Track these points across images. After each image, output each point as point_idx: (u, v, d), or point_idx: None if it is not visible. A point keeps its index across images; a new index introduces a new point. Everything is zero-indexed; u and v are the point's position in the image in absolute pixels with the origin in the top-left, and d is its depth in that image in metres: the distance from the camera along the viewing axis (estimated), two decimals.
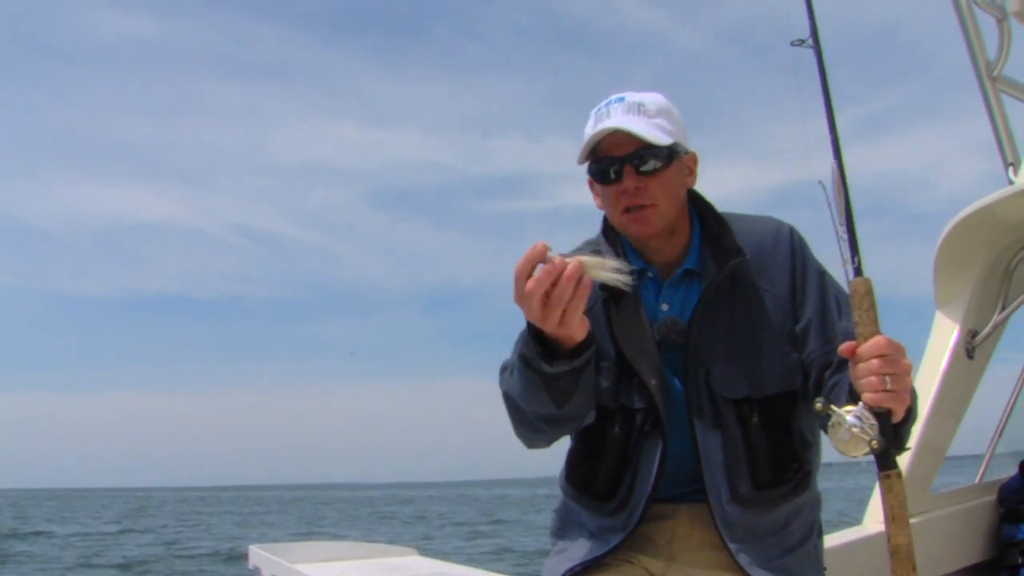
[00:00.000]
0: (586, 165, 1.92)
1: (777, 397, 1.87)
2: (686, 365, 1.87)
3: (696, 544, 1.90)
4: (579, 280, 1.57)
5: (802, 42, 1.79)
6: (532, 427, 1.79)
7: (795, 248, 1.94)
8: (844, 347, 1.60)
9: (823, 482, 2.02)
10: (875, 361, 1.56)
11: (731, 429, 1.84)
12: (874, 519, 3.34)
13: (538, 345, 1.65)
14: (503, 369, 1.86)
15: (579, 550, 1.93)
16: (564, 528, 2.04)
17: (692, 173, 1.98)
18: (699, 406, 1.86)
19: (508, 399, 1.81)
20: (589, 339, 1.66)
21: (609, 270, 1.62)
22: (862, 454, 1.57)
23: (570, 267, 1.56)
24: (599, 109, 1.89)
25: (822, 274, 1.93)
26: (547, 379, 1.66)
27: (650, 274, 1.95)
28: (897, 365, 1.56)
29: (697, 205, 1.99)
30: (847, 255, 1.65)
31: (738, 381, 1.86)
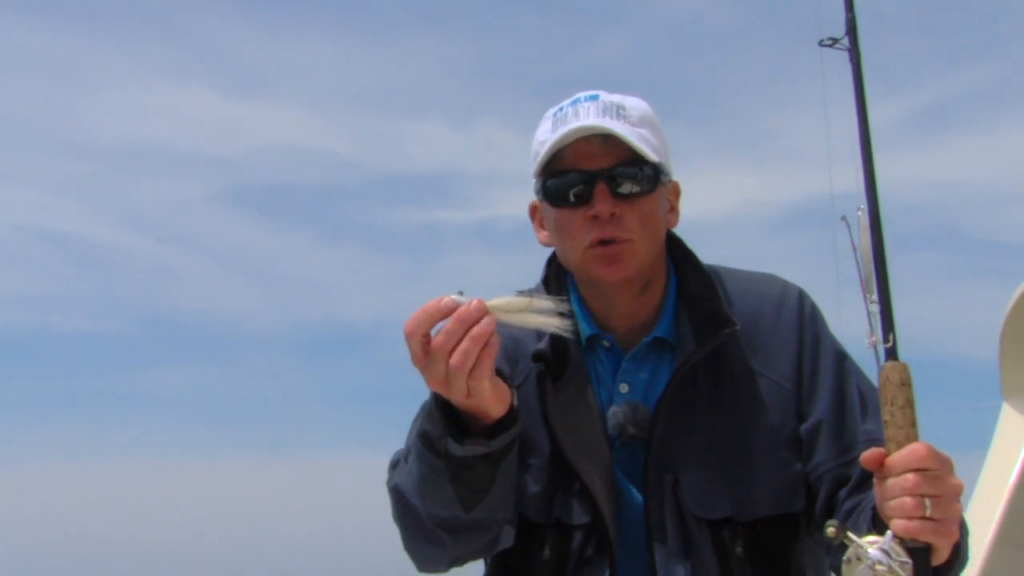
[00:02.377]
0: (535, 183, 1.66)
1: (770, 521, 1.60)
2: (647, 469, 1.59)
3: None
4: (480, 327, 1.33)
5: (834, 41, 1.56)
6: (427, 536, 1.55)
7: (805, 320, 1.67)
8: (869, 455, 1.36)
9: None
10: (910, 476, 1.32)
11: (705, 562, 1.57)
12: None
13: (445, 420, 1.42)
14: (394, 464, 1.61)
15: None
16: None
17: (674, 209, 1.72)
18: (662, 527, 1.58)
19: (398, 496, 1.56)
20: (512, 416, 1.44)
21: (537, 311, 1.38)
22: None
23: (463, 309, 1.32)
24: (561, 109, 1.63)
25: (841, 357, 1.67)
26: (454, 466, 1.43)
27: (606, 343, 1.67)
28: (941, 484, 1.32)
29: (674, 253, 1.73)
30: (876, 329, 1.42)
31: (718, 496, 1.59)
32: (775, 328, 1.66)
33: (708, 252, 1.76)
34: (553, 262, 1.73)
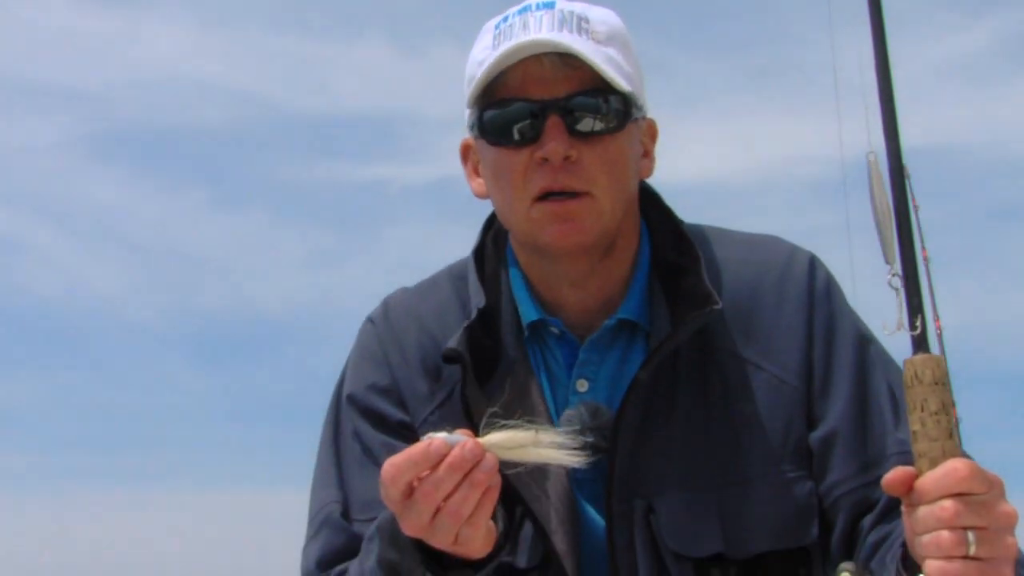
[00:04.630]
0: (469, 115, 1.38)
1: (773, 558, 1.34)
2: (610, 492, 1.33)
3: None
4: (481, 472, 1.12)
5: None
6: None
7: (816, 296, 1.40)
8: (893, 477, 1.09)
9: None
10: (948, 504, 1.06)
11: None
12: None
13: (418, 552, 1.20)
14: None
15: None
16: None
17: (649, 155, 1.44)
18: (631, 567, 1.32)
19: None
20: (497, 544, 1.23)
21: (546, 446, 1.19)
22: None
23: (457, 455, 1.11)
24: (506, 19, 1.35)
25: (864, 343, 1.40)
26: None
27: (555, 329, 1.40)
28: (989, 512, 1.07)
29: (650, 213, 1.45)
30: (902, 312, 1.16)
31: (704, 527, 1.33)
32: (778, 307, 1.39)
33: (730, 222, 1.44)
34: (492, 225, 1.46)
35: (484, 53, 1.33)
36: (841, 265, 1.42)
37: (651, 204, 1.45)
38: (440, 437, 1.13)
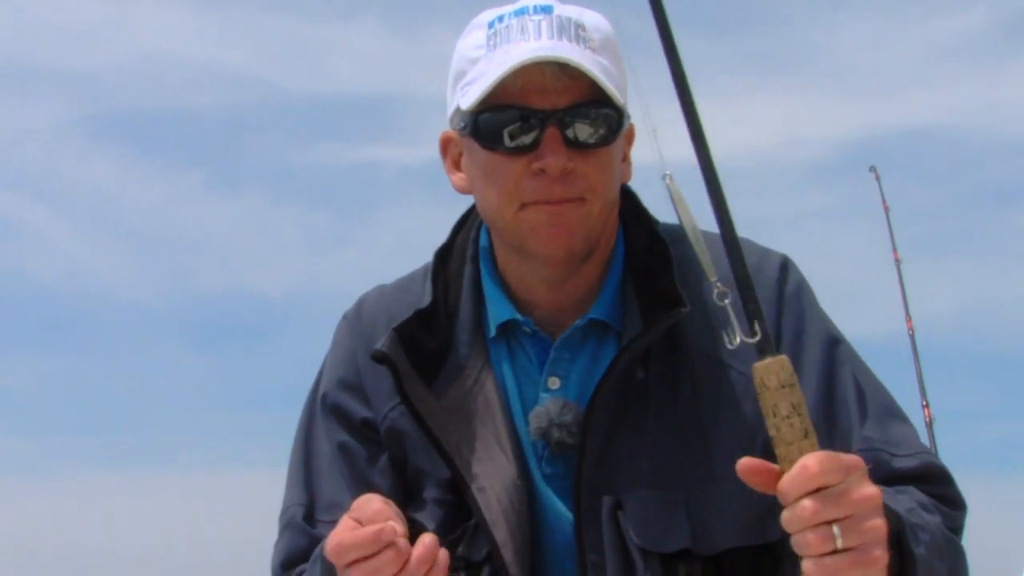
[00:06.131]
0: (456, 108, 1.38)
1: (739, 555, 1.36)
2: (579, 488, 1.36)
3: None
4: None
5: None
6: None
7: (786, 297, 1.43)
8: (745, 463, 1.13)
9: None
10: (807, 504, 1.08)
11: None
12: None
13: None
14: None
15: None
16: None
17: (627, 159, 1.45)
18: (599, 563, 1.34)
19: None
20: None
21: None
22: None
23: (416, 560, 1.17)
24: (502, 19, 1.35)
25: (832, 343, 1.43)
26: None
27: (526, 328, 1.42)
28: (847, 500, 1.08)
29: (626, 213, 1.47)
30: (733, 324, 1.17)
31: (672, 524, 1.35)
32: None
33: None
34: (464, 224, 1.49)
35: (477, 52, 1.34)
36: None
37: (628, 206, 1.47)
38: (392, 524, 1.17)
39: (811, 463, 1.08)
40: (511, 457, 1.38)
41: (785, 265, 1.44)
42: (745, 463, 1.13)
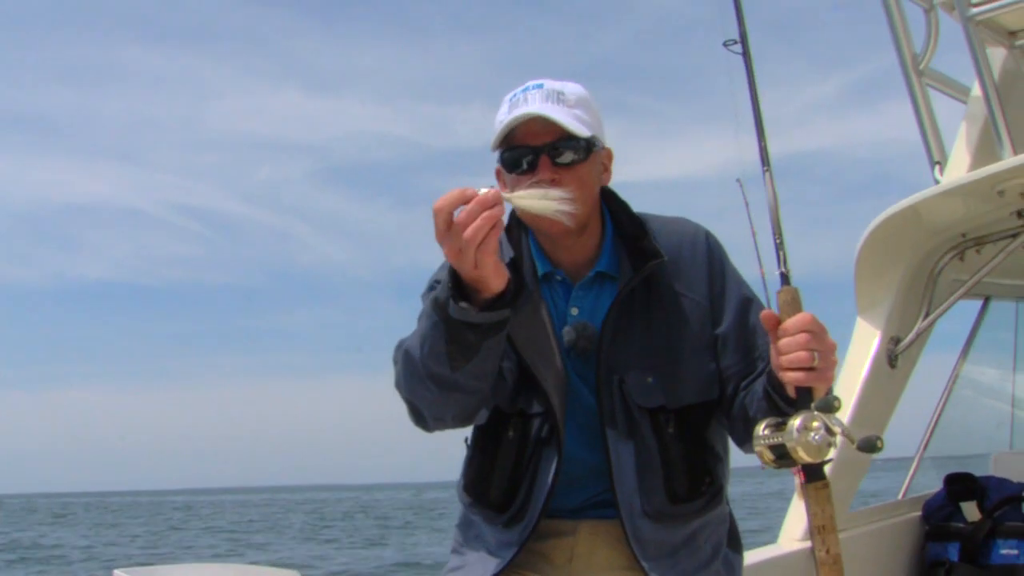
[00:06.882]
0: (496, 154, 1.92)
1: (694, 408, 1.90)
2: (598, 372, 1.88)
3: (599, 564, 1.90)
4: (492, 211, 1.53)
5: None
6: (419, 379, 1.72)
7: (712, 253, 1.98)
8: (767, 314, 1.67)
9: None
10: (802, 335, 1.61)
11: (646, 440, 1.86)
12: (789, 536, 3.27)
13: (453, 288, 1.61)
14: (399, 346, 1.82)
15: (472, 569, 1.92)
16: (464, 543, 2.03)
17: (607, 170, 1.98)
18: (612, 416, 1.87)
19: (405, 356, 1.75)
20: (505, 298, 1.62)
21: (552, 199, 1.65)
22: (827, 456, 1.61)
23: (483, 196, 1.53)
24: (515, 95, 1.88)
25: (741, 284, 1.98)
26: (452, 327, 1.62)
27: (558, 277, 1.95)
28: (823, 341, 1.63)
29: (611, 204, 2.00)
30: (766, 262, 1.73)
31: (654, 390, 1.88)
32: (692, 259, 1.94)
33: (703, 202, 2.14)
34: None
35: (502, 116, 1.86)
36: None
37: (612, 199, 1.99)
38: (475, 188, 1.54)
39: (808, 315, 1.64)
40: (556, 352, 1.87)
41: (708, 233, 2.00)
42: (766, 312, 1.67)
